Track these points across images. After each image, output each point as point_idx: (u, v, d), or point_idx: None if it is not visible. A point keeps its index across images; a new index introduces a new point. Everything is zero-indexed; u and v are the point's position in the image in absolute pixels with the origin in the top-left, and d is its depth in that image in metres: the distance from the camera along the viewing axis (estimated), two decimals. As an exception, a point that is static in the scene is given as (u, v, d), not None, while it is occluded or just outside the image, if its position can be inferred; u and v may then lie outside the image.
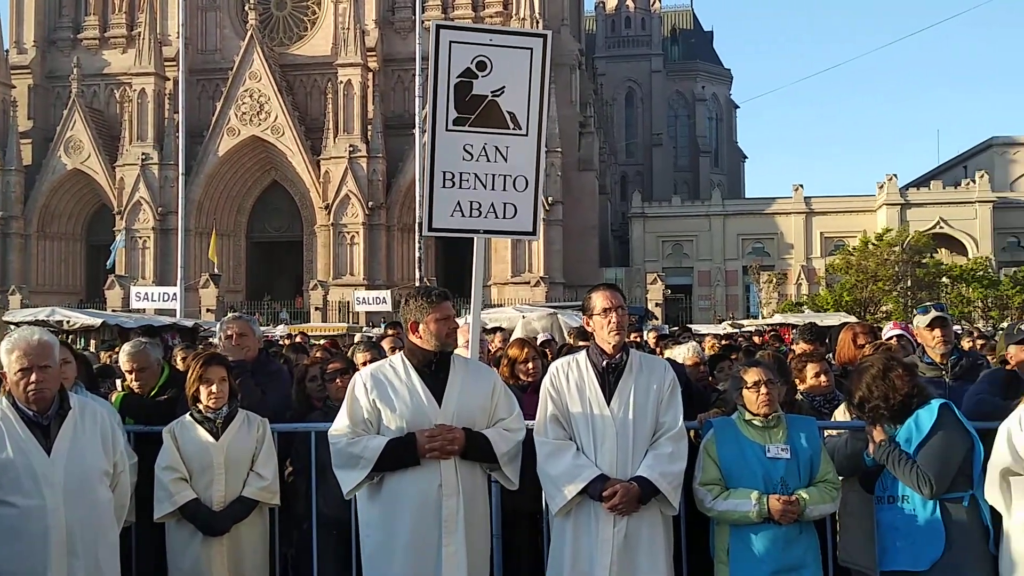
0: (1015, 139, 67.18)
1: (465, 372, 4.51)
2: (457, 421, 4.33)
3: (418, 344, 4.42)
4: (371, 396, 4.38)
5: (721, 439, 4.52)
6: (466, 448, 4.30)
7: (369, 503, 4.42)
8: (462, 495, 4.29)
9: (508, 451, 4.42)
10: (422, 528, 4.26)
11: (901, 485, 4.31)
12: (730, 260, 61.13)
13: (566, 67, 53.92)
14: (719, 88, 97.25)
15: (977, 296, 41.87)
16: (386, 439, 4.29)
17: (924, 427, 4.31)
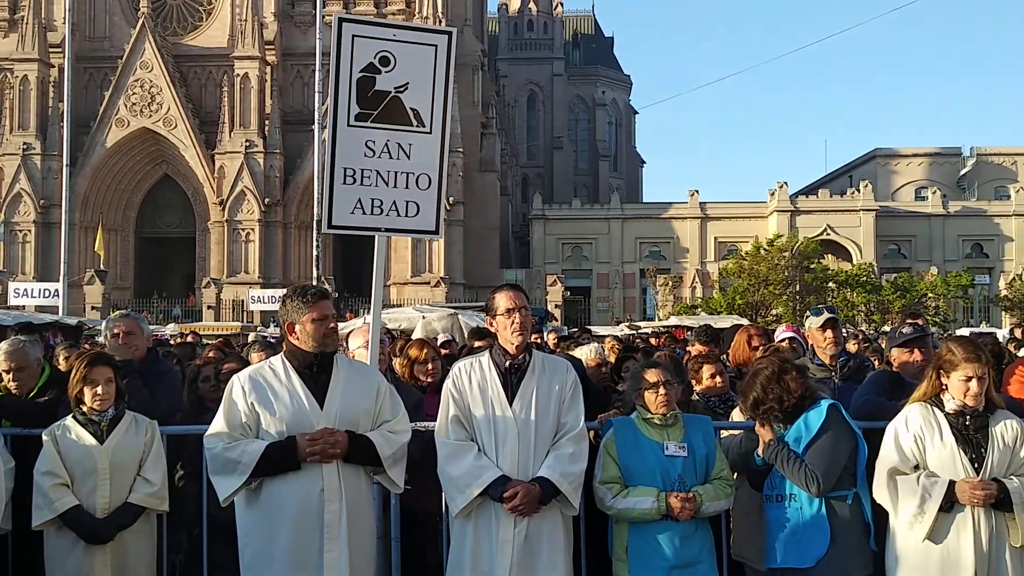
0: (897, 151, 70.52)
1: (348, 373, 4.40)
2: (339, 424, 4.21)
3: (297, 345, 4.31)
4: (249, 399, 4.22)
5: (620, 438, 4.56)
6: (349, 451, 4.19)
7: (247, 510, 4.25)
8: (345, 500, 4.18)
9: (393, 454, 4.32)
10: (303, 535, 4.14)
11: (789, 484, 4.41)
12: (628, 263, 62.22)
13: (468, 68, 53.95)
14: (619, 93, 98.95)
15: (861, 300, 43.74)
16: (265, 443, 4.15)
17: (813, 427, 4.42)
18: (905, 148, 70.87)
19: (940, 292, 47.66)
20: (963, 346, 4.30)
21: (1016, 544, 4.10)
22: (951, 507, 4.10)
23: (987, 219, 61.75)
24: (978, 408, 4.20)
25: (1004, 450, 4.16)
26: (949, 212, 61.70)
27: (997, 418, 4.24)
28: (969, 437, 4.19)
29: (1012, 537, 4.11)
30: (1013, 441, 4.19)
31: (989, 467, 4.13)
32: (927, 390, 4.34)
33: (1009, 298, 50.66)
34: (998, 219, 61.57)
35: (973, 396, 4.18)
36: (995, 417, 4.24)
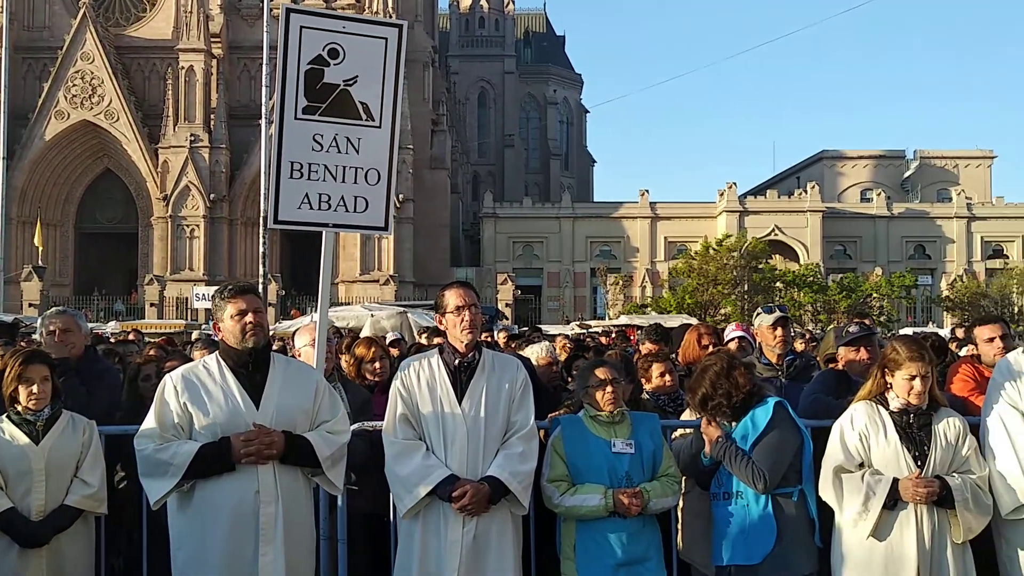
0: (843, 153, 71.83)
1: (285, 372, 4.31)
2: (276, 424, 4.12)
3: (228, 343, 4.21)
4: (182, 399, 4.12)
5: (568, 436, 4.54)
6: (286, 452, 4.11)
7: (179, 513, 4.15)
8: (281, 502, 4.10)
9: (331, 454, 4.25)
10: (237, 538, 4.04)
11: (735, 481, 4.43)
12: (579, 262, 62.48)
13: (419, 64, 53.67)
14: (570, 92, 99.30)
15: (807, 300, 44.46)
16: (198, 444, 4.05)
17: (760, 424, 4.45)
18: (851, 150, 72.23)
19: (884, 292, 48.65)
20: (907, 345, 4.35)
21: (957, 541, 4.17)
22: (895, 504, 4.15)
23: (929, 221, 63.19)
24: (922, 406, 4.26)
25: (946, 448, 4.23)
26: (893, 214, 63.02)
27: (940, 416, 4.30)
28: (913, 435, 4.25)
29: (954, 534, 4.17)
30: (955, 439, 4.26)
31: (932, 465, 4.19)
32: (872, 389, 4.40)
33: (951, 298, 51.93)
34: (940, 221, 63.05)
35: (917, 395, 4.23)
36: (938, 415, 4.30)
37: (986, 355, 5.42)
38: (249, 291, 4.30)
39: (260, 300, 4.35)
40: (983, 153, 71.77)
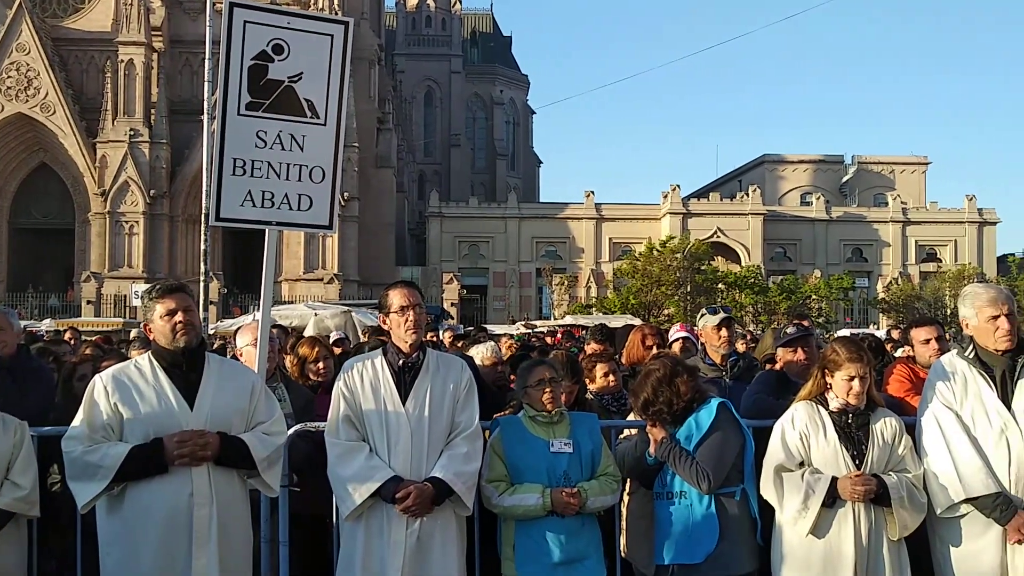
0: (784, 157, 73.02)
1: (221, 372, 4.23)
2: (211, 425, 4.05)
3: (160, 343, 4.13)
4: (112, 399, 4.02)
5: (507, 436, 4.53)
6: (221, 454, 4.03)
7: (109, 516, 4.04)
8: (216, 504, 4.02)
9: (268, 456, 4.18)
10: (170, 541, 3.95)
11: (679, 481, 4.46)
12: (524, 262, 62.63)
13: (365, 62, 53.26)
14: (517, 93, 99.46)
15: (749, 302, 45.11)
16: (129, 446, 3.95)
17: (704, 425, 4.47)
18: (792, 155, 73.45)
19: (823, 294, 49.59)
20: (847, 346, 4.42)
21: (893, 538, 4.25)
22: (833, 502, 4.21)
23: (866, 225, 64.60)
24: (860, 407, 4.33)
25: (883, 447, 4.31)
26: (832, 217, 64.28)
27: (878, 416, 4.38)
28: (851, 435, 4.31)
29: (890, 531, 4.25)
30: (892, 438, 4.34)
31: (869, 464, 4.26)
32: (812, 389, 4.46)
33: (886, 300, 53.14)
34: (876, 225, 64.50)
35: (855, 395, 4.31)
36: (876, 415, 4.38)
37: (921, 356, 5.55)
38: (178, 290, 4.21)
39: (191, 298, 4.26)
40: (918, 159, 73.53)
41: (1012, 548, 4.17)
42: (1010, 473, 4.19)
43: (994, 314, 4.30)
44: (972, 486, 4.17)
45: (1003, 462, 4.20)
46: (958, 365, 4.42)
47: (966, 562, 4.25)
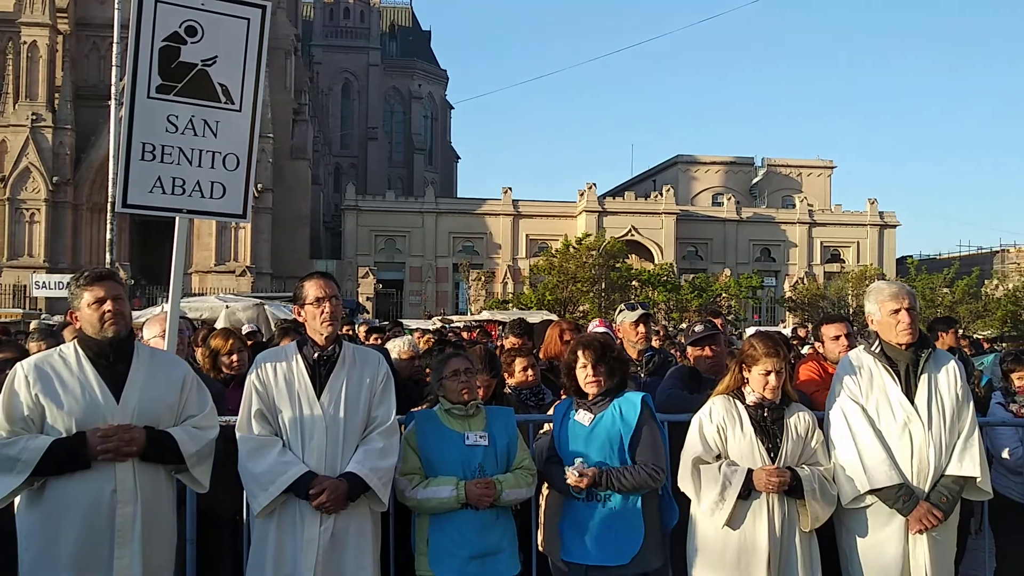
0: (697, 158, 74.48)
1: (150, 364, 4.08)
2: (138, 419, 3.91)
3: (86, 332, 3.98)
4: (33, 390, 3.83)
5: (421, 429, 4.49)
6: (147, 448, 3.89)
7: (28, 511, 3.86)
8: (140, 501, 3.88)
9: (198, 451, 4.06)
10: (91, 538, 3.80)
11: None
12: (441, 257, 62.46)
13: (281, 52, 52.31)
14: (435, 88, 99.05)
15: (662, 299, 45.80)
16: (50, 439, 3.78)
17: (631, 421, 4.46)
18: (704, 156, 74.95)
19: (733, 292, 50.72)
20: (764, 342, 4.50)
21: (805, 529, 4.35)
22: (749, 494, 4.28)
23: (775, 226, 66.40)
24: (775, 401, 4.42)
25: (797, 440, 4.40)
26: (742, 218, 65.87)
27: (792, 410, 4.47)
28: (767, 428, 4.39)
29: (802, 522, 4.35)
30: (805, 432, 4.44)
31: (783, 456, 4.35)
32: (730, 383, 4.53)
33: (793, 299, 54.63)
34: (784, 226, 66.36)
35: (772, 389, 4.39)
36: (790, 410, 4.47)
37: (830, 352, 5.70)
38: (107, 278, 4.04)
39: (121, 287, 4.10)
40: (824, 163, 75.85)
41: (913, 538, 4.32)
42: (912, 465, 4.34)
43: (896, 308, 4.46)
44: (876, 478, 4.30)
45: (906, 454, 4.35)
46: (864, 360, 4.55)
47: (870, 552, 4.38)
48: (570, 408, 4.60)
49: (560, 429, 4.57)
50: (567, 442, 4.52)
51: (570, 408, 4.60)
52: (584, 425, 4.50)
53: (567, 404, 4.65)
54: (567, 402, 4.67)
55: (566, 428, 4.56)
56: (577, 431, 4.52)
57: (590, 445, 4.46)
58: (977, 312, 45.08)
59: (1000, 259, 64.71)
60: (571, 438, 4.51)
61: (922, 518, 4.27)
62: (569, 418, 4.56)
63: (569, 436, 4.53)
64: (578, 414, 4.54)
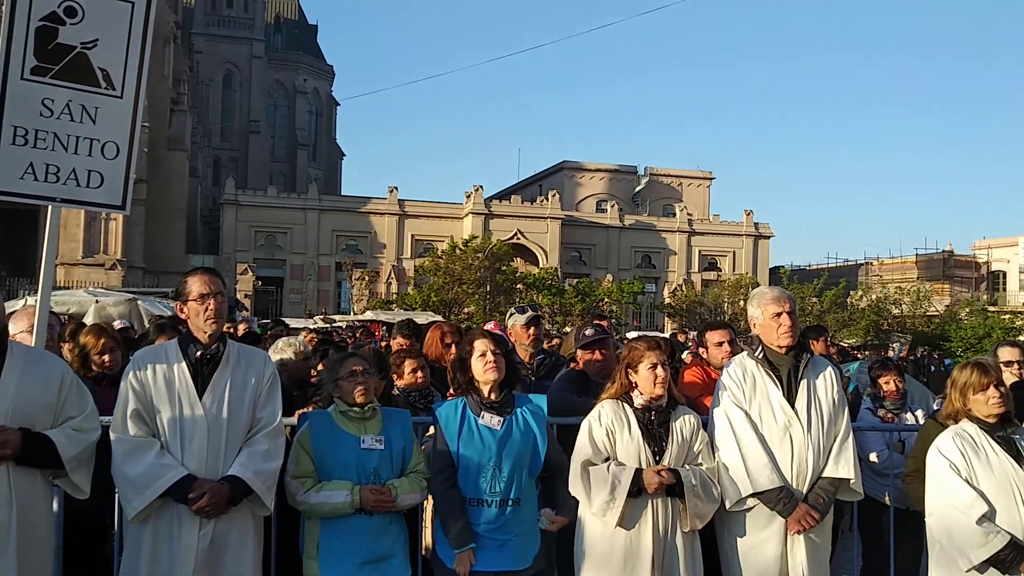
0: (582, 165, 75.63)
1: (25, 362, 3.87)
2: (12, 420, 3.70)
3: None
4: None
5: (315, 431, 4.38)
6: (22, 452, 3.68)
7: None
8: (16, 507, 3.67)
9: (77, 455, 3.87)
10: None
11: (516, 488, 4.36)
12: (324, 255, 61.48)
13: (160, 38, 50.42)
14: (321, 83, 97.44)
15: (546, 302, 46.30)
16: None
17: (534, 427, 4.48)
18: (589, 163, 76.15)
19: (615, 297, 51.76)
20: (644, 340, 4.65)
21: (686, 529, 4.44)
22: (639, 493, 4.34)
23: (655, 233, 68.10)
24: (664, 397, 4.50)
25: (682, 443, 4.49)
26: (624, 225, 67.28)
27: (678, 413, 4.57)
28: (653, 431, 4.47)
29: (683, 523, 4.44)
30: (690, 435, 4.54)
31: (669, 459, 4.44)
32: (617, 388, 4.59)
33: (672, 305, 56.17)
34: (665, 234, 68.13)
35: (662, 382, 4.45)
36: (676, 413, 4.56)
37: (714, 358, 5.86)
38: None
39: None
40: (703, 174, 78.22)
41: (792, 539, 4.48)
42: (792, 468, 4.50)
43: (777, 312, 4.62)
44: (758, 481, 4.43)
45: (786, 457, 4.50)
46: (748, 365, 4.69)
47: (750, 552, 4.51)
48: (465, 410, 4.50)
49: (459, 433, 4.45)
50: (473, 447, 4.40)
51: (465, 410, 4.50)
52: (495, 429, 4.44)
53: (457, 406, 4.52)
54: (456, 404, 4.54)
55: (468, 432, 4.44)
56: (486, 435, 4.42)
57: (504, 451, 4.39)
58: (843, 321, 47.33)
59: (864, 271, 68.12)
60: (479, 443, 4.40)
61: (801, 519, 4.42)
62: (469, 421, 4.47)
63: (476, 441, 4.41)
64: (483, 417, 4.45)
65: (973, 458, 4.26)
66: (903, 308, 50.77)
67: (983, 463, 4.25)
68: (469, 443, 4.41)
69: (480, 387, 4.50)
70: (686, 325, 44.86)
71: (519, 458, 4.41)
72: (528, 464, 4.45)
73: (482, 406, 4.48)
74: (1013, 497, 4.17)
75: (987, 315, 50.43)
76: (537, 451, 4.47)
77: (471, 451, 4.39)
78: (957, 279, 65.00)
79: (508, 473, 4.37)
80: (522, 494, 4.41)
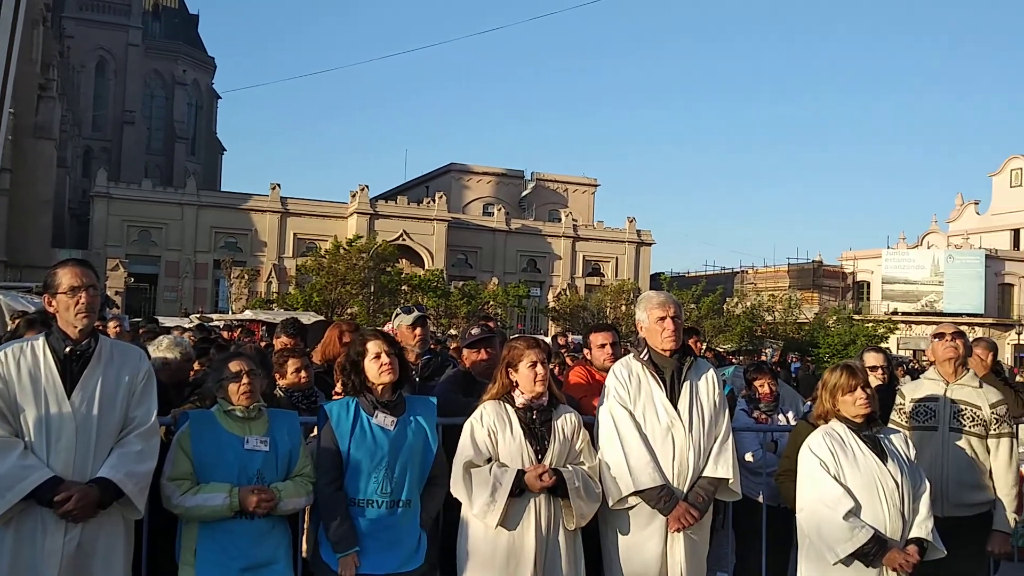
0: (470, 168, 75.81)
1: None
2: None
3: None
4: None
5: (196, 431, 4.24)
6: None
7: None
8: None
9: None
10: None
11: (407, 489, 4.33)
12: (201, 252, 59.66)
13: (28, 21, 47.94)
14: (201, 75, 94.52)
15: (431, 304, 46.17)
16: None
17: (428, 428, 4.46)
18: (477, 166, 76.40)
19: (500, 300, 52.08)
20: (524, 340, 4.69)
21: (570, 528, 4.50)
22: (521, 493, 4.37)
23: (541, 238, 68.87)
24: (545, 395, 4.54)
25: (564, 442, 4.55)
26: (511, 229, 67.78)
27: (559, 412, 4.62)
28: (535, 430, 4.51)
29: (566, 521, 4.49)
30: (572, 434, 4.60)
31: (551, 458, 4.48)
32: (499, 388, 4.61)
33: (556, 309, 56.88)
34: (550, 239, 68.99)
35: (542, 380, 4.50)
36: (557, 412, 4.62)
37: (597, 359, 5.96)
38: None
39: None
40: (588, 181, 79.56)
41: (672, 537, 4.60)
42: (674, 467, 4.62)
43: (662, 316, 4.75)
44: (640, 479, 4.53)
45: (668, 457, 4.62)
46: (633, 367, 4.79)
47: (632, 550, 4.61)
48: (358, 410, 4.42)
49: (352, 433, 4.37)
50: (365, 447, 4.34)
51: (358, 410, 4.42)
52: (388, 429, 4.38)
53: (349, 405, 4.44)
54: (347, 403, 4.46)
55: (361, 432, 4.37)
56: (379, 436, 4.36)
57: (396, 451, 4.35)
58: (719, 327, 48.90)
59: (740, 279, 70.57)
60: (372, 443, 4.34)
61: (681, 517, 4.53)
62: (362, 421, 4.39)
63: (369, 441, 4.35)
64: (376, 417, 4.39)
65: (841, 456, 4.48)
66: (775, 315, 52.86)
67: (850, 461, 4.47)
68: (361, 443, 4.34)
69: (374, 387, 4.45)
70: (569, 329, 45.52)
71: (411, 459, 4.39)
72: (419, 465, 4.43)
73: (376, 406, 4.42)
74: (877, 493, 4.40)
75: (852, 323, 53.15)
76: (429, 452, 4.46)
77: (363, 451, 4.33)
78: (826, 288, 68.04)
79: (400, 474, 4.35)
80: (412, 495, 4.39)
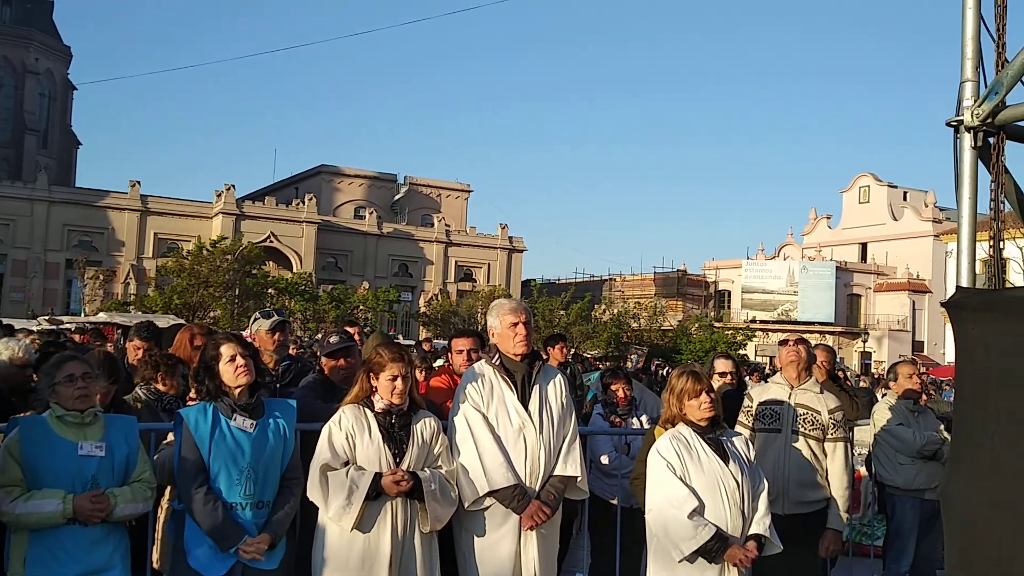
0: (341, 170, 74.91)
1: None
2: None
3: None
4: None
5: (27, 437, 4.07)
6: None
7: None
8: None
9: None
10: None
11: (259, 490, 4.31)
12: (52, 251, 56.76)
13: None
14: (56, 64, 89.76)
15: (299, 308, 45.35)
16: None
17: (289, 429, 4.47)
18: (349, 168, 75.55)
19: (371, 305, 51.63)
20: (390, 349, 4.68)
21: (425, 531, 4.55)
22: (377, 496, 4.39)
23: (413, 242, 68.66)
24: (403, 406, 4.59)
25: (423, 445, 4.60)
26: (383, 232, 67.30)
27: (419, 417, 4.67)
28: (394, 434, 4.55)
29: (422, 523, 4.55)
30: (430, 438, 4.66)
31: (409, 461, 4.53)
32: (359, 392, 4.63)
33: (427, 314, 56.82)
34: (422, 243, 68.85)
35: (399, 394, 4.56)
36: (417, 416, 4.67)
37: (456, 364, 6.05)
38: None
39: None
40: (461, 186, 79.89)
41: (525, 535, 4.71)
42: (526, 467, 4.75)
43: (514, 322, 4.89)
44: (494, 479, 4.63)
45: (520, 457, 4.74)
46: (486, 371, 4.91)
47: (486, 551, 4.70)
48: (216, 414, 4.36)
49: (211, 437, 4.30)
50: (226, 450, 4.28)
51: (216, 414, 4.36)
52: (248, 432, 4.34)
53: (206, 409, 4.37)
54: (204, 407, 4.39)
55: (221, 435, 4.31)
56: (240, 438, 4.32)
57: (257, 453, 4.33)
58: (587, 333, 49.94)
59: (608, 287, 72.23)
60: (234, 446, 4.29)
61: (533, 515, 4.66)
62: (221, 425, 4.33)
63: (230, 444, 4.30)
64: (235, 420, 4.35)
65: (687, 458, 4.70)
66: (641, 322, 54.39)
67: (695, 462, 4.70)
68: (222, 446, 4.29)
69: (231, 391, 4.41)
70: (440, 334, 45.53)
71: (272, 460, 4.39)
72: (280, 466, 4.44)
73: (234, 409, 4.38)
74: (719, 493, 4.65)
75: (713, 330, 55.25)
76: (289, 453, 4.47)
77: (224, 454, 4.28)
78: (689, 296, 70.41)
79: (262, 475, 4.34)
80: (275, 496, 4.40)
